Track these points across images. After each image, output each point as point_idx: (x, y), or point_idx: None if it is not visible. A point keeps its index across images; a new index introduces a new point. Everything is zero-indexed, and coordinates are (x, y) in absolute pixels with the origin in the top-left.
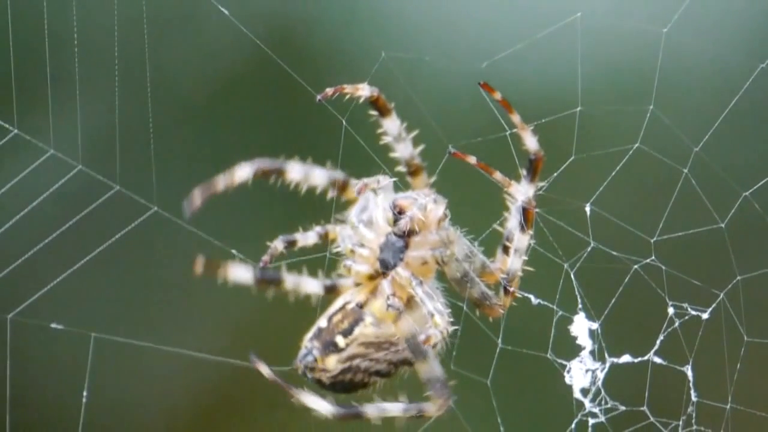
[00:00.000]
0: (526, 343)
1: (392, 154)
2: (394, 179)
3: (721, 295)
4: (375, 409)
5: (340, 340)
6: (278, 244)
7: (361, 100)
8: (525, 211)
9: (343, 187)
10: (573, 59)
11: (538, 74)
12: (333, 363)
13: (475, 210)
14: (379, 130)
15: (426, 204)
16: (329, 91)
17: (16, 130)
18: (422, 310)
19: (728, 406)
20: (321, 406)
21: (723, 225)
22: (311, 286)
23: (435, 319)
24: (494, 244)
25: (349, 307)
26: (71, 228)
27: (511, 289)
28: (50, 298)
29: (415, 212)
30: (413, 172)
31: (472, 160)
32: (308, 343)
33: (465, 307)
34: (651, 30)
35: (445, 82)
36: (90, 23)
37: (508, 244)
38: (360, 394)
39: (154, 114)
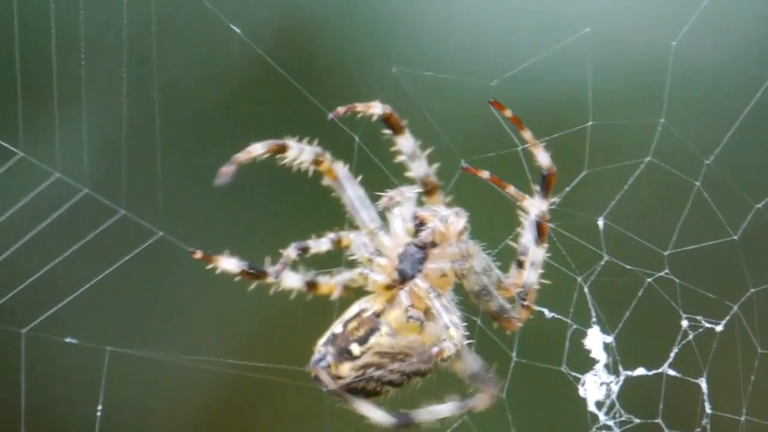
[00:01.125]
0: (541, 357)
1: (407, 173)
2: (418, 190)
3: (735, 307)
4: (427, 414)
5: (355, 348)
6: (291, 252)
7: (374, 119)
8: (539, 225)
9: (318, 162)
10: (583, 74)
11: (548, 89)
12: (347, 370)
13: (488, 225)
14: (393, 148)
15: (447, 216)
16: (341, 110)
17: (22, 154)
18: (438, 322)
19: (743, 418)
20: (377, 415)
21: (736, 237)
22: (292, 280)
23: (450, 332)
24: (508, 258)
25: (366, 315)
26: (83, 245)
27: (526, 303)
28: (65, 313)
29: (437, 224)
30: (429, 191)
31: (485, 174)
32: (322, 347)
33: (479, 321)
34: (660, 43)
35: (456, 97)
36: (98, 40)
37: (523, 258)
38: (405, 398)
39: (163, 130)
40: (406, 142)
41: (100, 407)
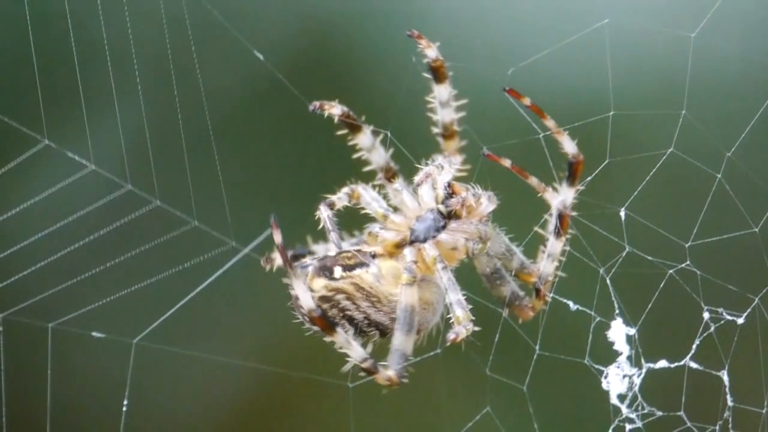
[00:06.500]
0: (564, 349)
1: (431, 115)
2: (456, 167)
3: (756, 299)
4: (343, 337)
5: (338, 271)
6: (324, 211)
7: (424, 60)
8: (560, 216)
9: (391, 177)
10: (602, 64)
11: (567, 79)
12: (319, 285)
13: (514, 212)
14: (430, 96)
15: (480, 195)
16: (415, 32)
17: (93, 167)
18: (439, 294)
19: (764, 411)
20: (305, 299)
21: (757, 230)
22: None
23: (457, 314)
24: (536, 245)
25: (364, 250)
26: (111, 237)
27: (542, 291)
28: (91, 306)
29: (469, 197)
30: (448, 135)
31: (506, 163)
32: (310, 259)
33: (505, 314)
34: (680, 35)
35: (477, 85)
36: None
37: (542, 247)
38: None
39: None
40: (444, 90)
41: (126, 402)
